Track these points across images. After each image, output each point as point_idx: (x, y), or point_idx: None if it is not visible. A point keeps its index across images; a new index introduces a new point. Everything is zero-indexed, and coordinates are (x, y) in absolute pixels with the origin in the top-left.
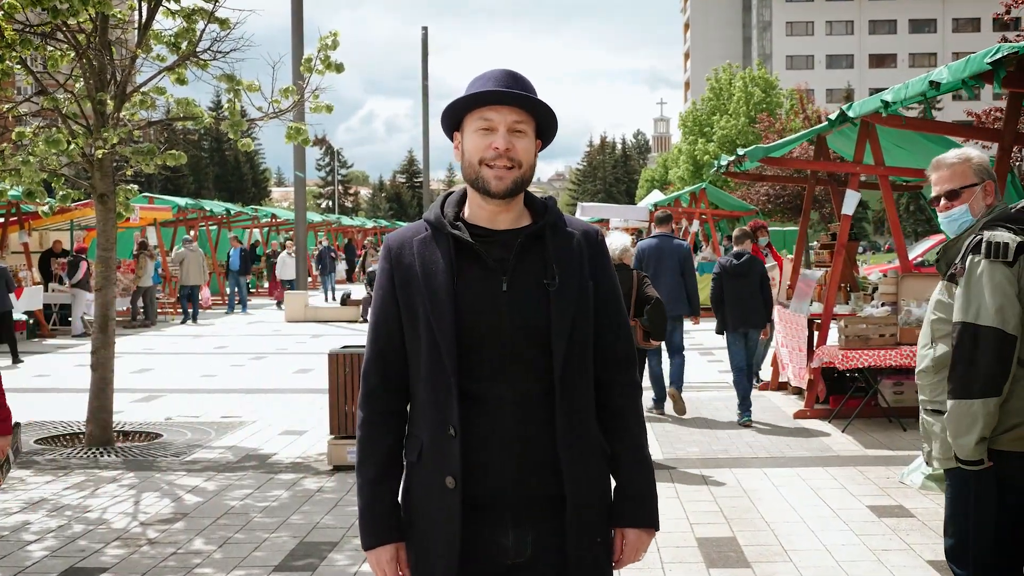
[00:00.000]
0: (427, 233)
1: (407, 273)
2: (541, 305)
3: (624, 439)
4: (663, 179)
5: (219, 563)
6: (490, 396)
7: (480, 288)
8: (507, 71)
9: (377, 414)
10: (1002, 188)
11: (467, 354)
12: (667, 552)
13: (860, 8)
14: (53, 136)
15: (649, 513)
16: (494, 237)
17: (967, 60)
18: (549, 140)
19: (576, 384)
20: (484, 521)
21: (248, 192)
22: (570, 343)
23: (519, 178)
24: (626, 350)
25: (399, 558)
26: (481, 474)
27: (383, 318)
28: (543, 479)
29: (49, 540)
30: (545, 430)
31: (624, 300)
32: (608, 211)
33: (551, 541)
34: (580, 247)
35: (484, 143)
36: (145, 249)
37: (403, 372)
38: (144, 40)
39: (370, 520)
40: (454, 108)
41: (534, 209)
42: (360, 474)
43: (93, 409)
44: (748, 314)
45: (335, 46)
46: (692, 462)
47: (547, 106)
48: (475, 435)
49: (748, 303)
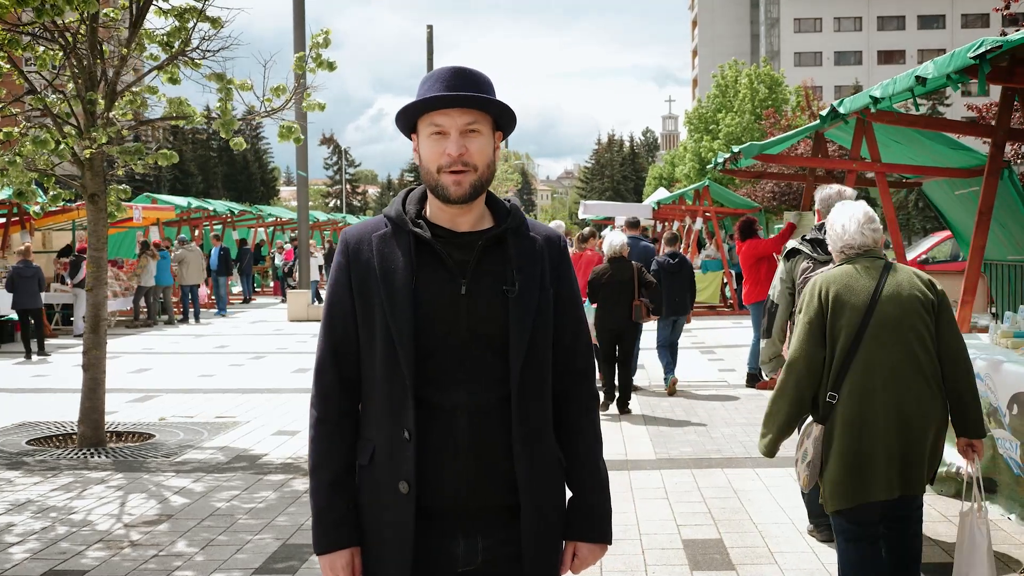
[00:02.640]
0: (387, 229)
1: (365, 270)
2: (499, 311)
3: (580, 452)
4: (670, 177)
5: (200, 565)
6: (446, 401)
7: (439, 289)
8: (455, 69)
9: (332, 414)
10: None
11: (423, 357)
12: (652, 554)
13: (868, 4)
14: (40, 136)
15: (602, 528)
16: (455, 238)
17: (951, 55)
18: (510, 130)
19: (533, 393)
20: (435, 528)
21: (257, 191)
22: (529, 351)
23: (477, 181)
24: (585, 361)
25: (354, 564)
26: (434, 480)
27: (339, 315)
28: (497, 488)
29: (32, 542)
30: (501, 438)
31: (627, 285)
32: (612, 209)
33: (503, 550)
34: (542, 253)
35: (438, 149)
36: (147, 249)
37: (358, 371)
38: (136, 39)
39: (325, 524)
40: (404, 115)
41: (497, 211)
42: (314, 476)
43: (85, 410)
44: (678, 305)
45: (327, 44)
46: (684, 462)
47: (497, 102)
48: (429, 440)
49: (679, 296)
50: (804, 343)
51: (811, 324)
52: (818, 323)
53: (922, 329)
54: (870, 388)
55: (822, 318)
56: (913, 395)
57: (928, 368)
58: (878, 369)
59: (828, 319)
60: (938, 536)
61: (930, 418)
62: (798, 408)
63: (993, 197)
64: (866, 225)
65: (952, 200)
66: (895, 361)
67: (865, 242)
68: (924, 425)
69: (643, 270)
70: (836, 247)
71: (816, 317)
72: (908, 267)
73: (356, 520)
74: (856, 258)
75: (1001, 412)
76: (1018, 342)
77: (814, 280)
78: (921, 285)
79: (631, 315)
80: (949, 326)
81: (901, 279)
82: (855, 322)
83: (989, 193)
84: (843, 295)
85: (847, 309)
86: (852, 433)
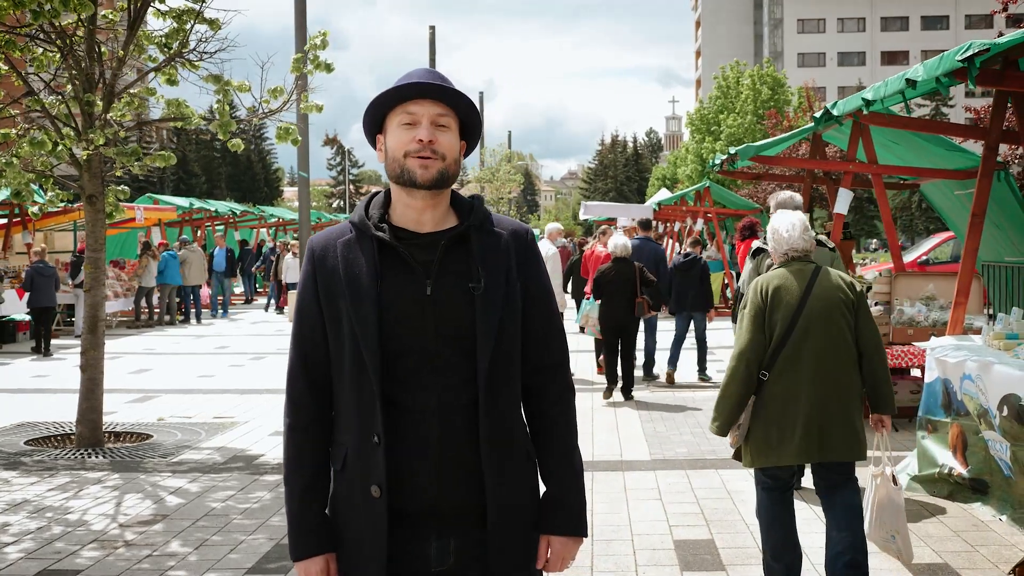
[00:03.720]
0: (351, 235)
1: (331, 276)
2: (466, 309)
3: (553, 446)
4: (673, 178)
5: (193, 565)
6: (415, 403)
7: (404, 292)
8: (429, 69)
9: (304, 421)
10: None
11: (391, 360)
12: (643, 555)
13: (872, 5)
14: (38, 138)
15: (576, 521)
16: (419, 239)
17: (941, 58)
18: (474, 143)
19: (502, 390)
20: (408, 530)
21: (260, 191)
22: (496, 347)
23: (444, 169)
24: (559, 353)
25: (329, 569)
26: (406, 483)
27: (307, 323)
28: (468, 487)
29: (26, 542)
30: (470, 438)
31: (630, 283)
32: (614, 210)
33: (476, 551)
34: (508, 248)
35: (408, 136)
36: (148, 249)
37: (328, 377)
38: (135, 41)
39: (299, 531)
40: (378, 104)
41: (460, 210)
42: (288, 483)
43: (83, 410)
44: (687, 301)
45: (324, 46)
46: (679, 463)
47: (469, 100)
48: (400, 443)
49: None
50: (750, 332)
51: (755, 317)
52: (760, 316)
53: (843, 323)
54: (797, 370)
55: (763, 311)
56: (833, 377)
57: (847, 355)
58: (805, 354)
59: (767, 312)
60: (928, 536)
61: (847, 396)
62: (747, 388)
63: (986, 199)
64: (804, 233)
65: (952, 201)
66: (819, 348)
67: (805, 247)
68: (841, 402)
69: (644, 270)
70: (781, 249)
71: (758, 311)
72: (834, 271)
73: (330, 526)
74: (792, 262)
75: (992, 413)
76: (1010, 343)
77: (756, 280)
78: (844, 287)
79: (633, 310)
80: (867, 321)
81: (828, 281)
82: (788, 315)
83: (982, 195)
84: (780, 293)
85: (783, 305)
86: (776, 406)
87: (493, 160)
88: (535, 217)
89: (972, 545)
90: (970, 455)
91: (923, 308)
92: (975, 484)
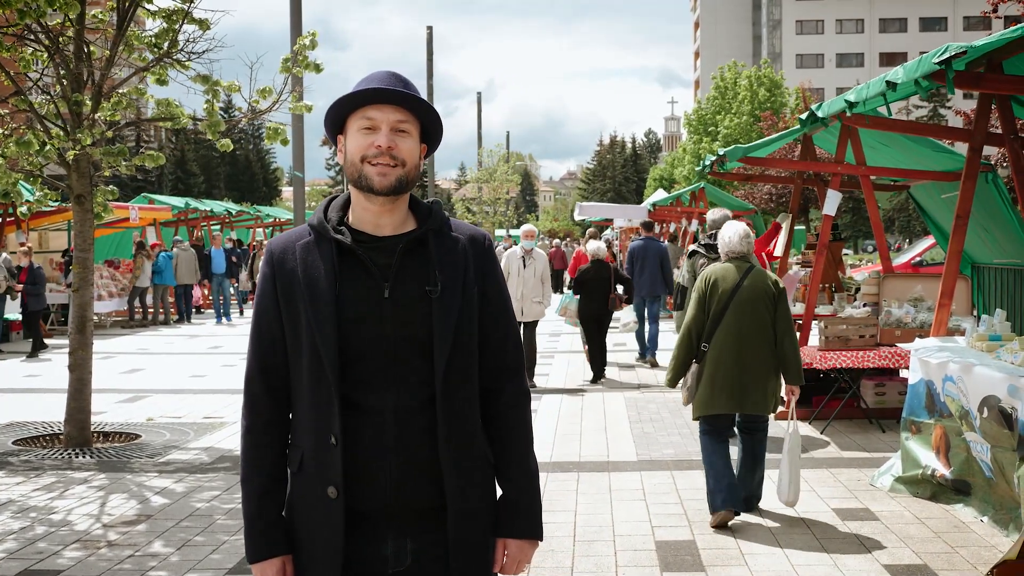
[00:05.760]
0: (310, 238)
1: (289, 279)
2: (423, 312)
3: (509, 449)
4: (670, 178)
5: (174, 566)
6: (372, 405)
7: (362, 295)
8: (391, 73)
9: (261, 424)
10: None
11: (349, 362)
12: (624, 555)
13: (870, 6)
14: (24, 138)
15: (532, 524)
16: (377, 243)
17: (919, 60)
18: (435, 145)
19: (459, 393)
20: (365, 531)
21: (259, 191)
22: (453, 351)
23: (403, 176)
24: (515, 357)
25: (286, 572)
26: (363, 484)
27: (265, 325)
28: (426, 489)
29: (9, 542)
30: (428, 439)
31: (606, 281)
32: (610, 211)
33: (433, 552)
34: (465, 252)
35: (366, 141)
36: (143, 249)
37: (286, 380)
38: (124, 40)
39: (256, 533)
40: (337, 107)
41: (419, 213)
42: (245, 485)
43: (71, 410)
44: None
45: (313, 46)
46: (665, 464)
47: (430, 106)
48: (357, 444)
49: None
50: (694, 310)
51: (699, 299)
52: (702, 298)
53: (763, 310)
54: (728, 342)
55: (705, 295)
56: (753, 350)
57: (765, 334)
58: (733, 331)
59: (707, 296)
60: (909, 537)
61: (763, 366)
62: (689, 352)
63: (970, 201)
64: (744, 239)
65: (938, 203)
66: (744, 327)
67: (742, 250)
68: (758, 369)
69: (618, 270)
70: (724, 251)
71: (701, 295)
72: (763, 270)
73: (287, 528)
74: (732, 260)
75: (972, 415)
76: (993, 345)
77: (704, 271)
78: (768, 282)
79: (607, 304)
80: (784, 310)
81: (756, 278)
82: (723, 300)
83: (966, 197)
84: (719, 282)
85: (719, 291)
86: (712, 370)
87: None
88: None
89: (952, 547)
90: (953, 456)
91: (911, 309)
92: (958, 485)
